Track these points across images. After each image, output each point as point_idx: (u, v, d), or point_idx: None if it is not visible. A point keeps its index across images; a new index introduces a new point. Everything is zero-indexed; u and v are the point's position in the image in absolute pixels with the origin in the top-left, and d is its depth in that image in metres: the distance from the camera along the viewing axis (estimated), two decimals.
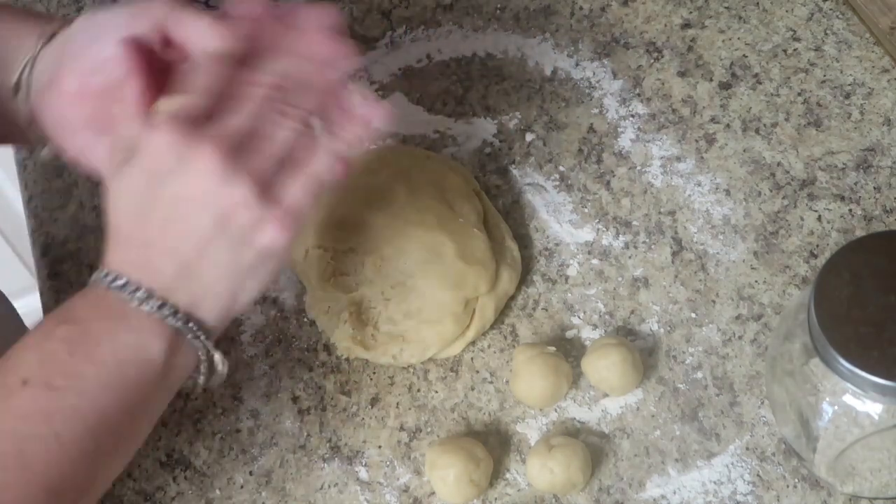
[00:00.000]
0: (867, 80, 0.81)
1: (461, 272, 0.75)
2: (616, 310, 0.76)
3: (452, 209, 0.77)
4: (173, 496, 0.75)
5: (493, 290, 0.76)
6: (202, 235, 0.57)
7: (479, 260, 0.75)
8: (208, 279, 0.58)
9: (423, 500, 0.72)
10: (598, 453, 0.72)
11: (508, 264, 0.77)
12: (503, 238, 0.78)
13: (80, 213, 0.88)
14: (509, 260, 0.77)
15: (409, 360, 0.75)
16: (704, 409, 0.72)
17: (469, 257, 0.75)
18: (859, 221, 0.76)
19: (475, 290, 0.75)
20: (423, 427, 0.75)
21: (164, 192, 0.57)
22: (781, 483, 0.69)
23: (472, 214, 0.77)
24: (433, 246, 0.75)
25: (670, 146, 0.81)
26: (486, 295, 0.76)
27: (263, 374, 0.78)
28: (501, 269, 0.76)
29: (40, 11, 0.84)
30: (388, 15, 0.92)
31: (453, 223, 0.76)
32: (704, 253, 0.77)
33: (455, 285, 0.74)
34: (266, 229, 0.57)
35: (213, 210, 0.56)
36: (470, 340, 0.76)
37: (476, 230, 0.76)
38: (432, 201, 0.76)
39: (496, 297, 0.76)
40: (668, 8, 0.87)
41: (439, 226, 0.75)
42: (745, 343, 0.74)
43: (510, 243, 0.78)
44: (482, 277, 0.75)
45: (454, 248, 0.75)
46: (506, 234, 0.79)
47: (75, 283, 0.85)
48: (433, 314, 0.75)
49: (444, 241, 0.75)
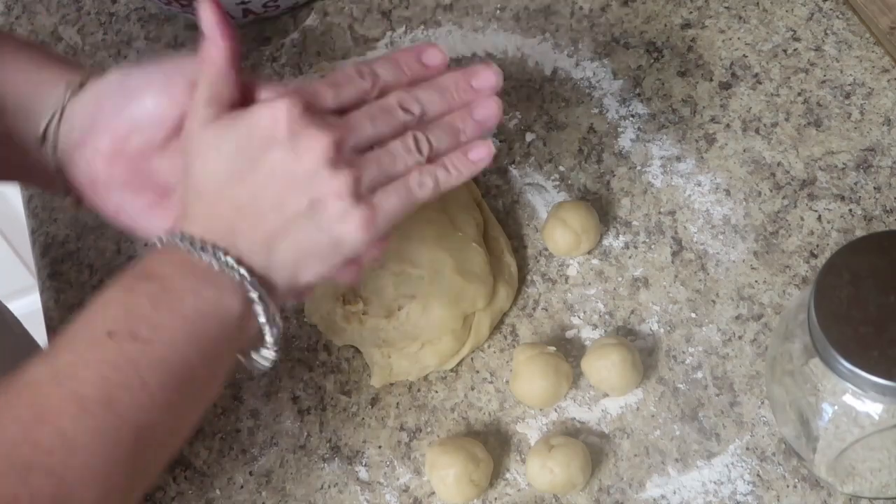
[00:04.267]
0: (867, 80, 0.81)
1: (460, 288, 0.74)
2: (616, 310, 0.76)
3: (452, 222, 0.76)
4: (173, 496, 0.75)
5: (490, 305, 0.76)
6: (292, 212, 0.59)
7: (477, 276, 0.75)
8: (282, 249, 0.59)
9: (423, 500, 0.72)
10: (598, 453, 0.72)
11: (506, 280, 0.77)
12: (502, 252, 0.78)
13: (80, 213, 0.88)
14: (507, 276, 0.77)
15: (406, 377, 0.76)
16: (704, 409, 0.72)
17: (468, 273, 0.75)
18: (859, 221, 0.76)
19: (473, 305, 0.75)
20: (423, 427, 0.75)
21: (265, 161, 0.58)
22: (781, 483, 0.69)
23: (472, 227, 0.77)
24: (432, 263, 0.74)
25: (670, 146, 0.81)
26: (483, 311, 0.75)
27: (263, 374, 0.78)
28: (498, 284, 0.76)
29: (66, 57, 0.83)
30: (388, 15, 0.92)
31: (453, 237, 0.75)
32: (704, 253, 0.77)
33: (453, 302, 0.74)
34: (349, 223, 0.59)
35: (308, 192, 0.58)
36: (464, 356, 0.76)
37: (475, 244, 0.76)
38: (433, 213, 0.76)
39: (492, 312, 0.76)
40: (668, 8, 0.87)
41: (439, 241, 0.75)
42: (745, 343, 0.74)
43: (508, 258, 0.78)
44: (480, 293, 0.75)
45: (453, 264, 0.74)
46: (505, 247, 0.78)
47: (75, 283, 0.85)
48: (433, 333, 0.74)
49: (444, 257, 0.74)
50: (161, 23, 0.96)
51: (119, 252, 0.86)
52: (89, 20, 0.98)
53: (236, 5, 0.89)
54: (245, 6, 0.89)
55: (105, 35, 0.96)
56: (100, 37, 0.96)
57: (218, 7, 0.61)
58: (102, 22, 0.97)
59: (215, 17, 0.61)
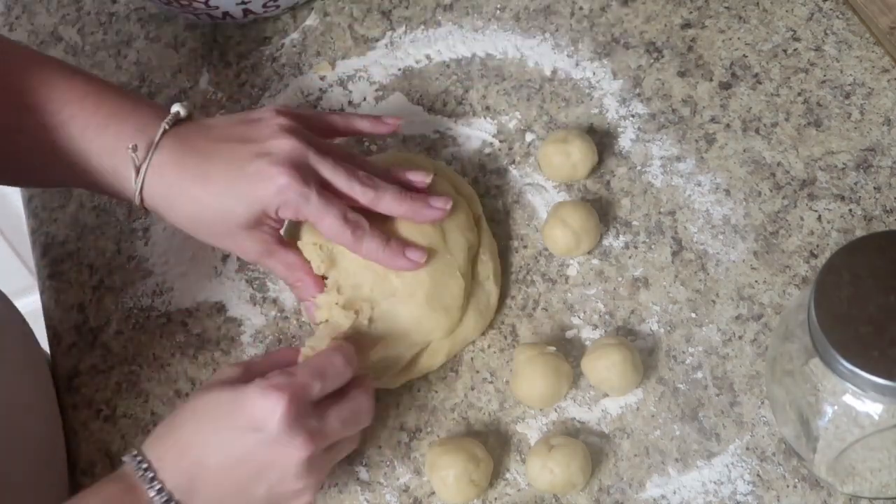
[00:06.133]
0: (867, 80, 0.81)
1: (423, 315, 0.73)
2: (616, 310, 0.76)
3: (445, 241, 0.74)
4: None
5: (452, 336, 0.75)
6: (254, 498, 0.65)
7: (445, 308, 0.74)
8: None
9: (423, 500, 0.72)
10: (598, 453, 0.72)
11: (479, 310, 0.76)
12: (486, 279, 0.76)
13: (80, 213, 0.88)
14: (482, 305, 0.76)
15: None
16: (704, 409, 0.72)
17: (437, 302, 0.73)
18: (859, 221, 0.76)
19: (428, 336, 0.74)
20: (423, 427, 0.75)
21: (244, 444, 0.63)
22: (781, 483, 0.69)
23: (462, 251, 0.75)
24: (411, 281, 0.73)
25: (670, 146, 0.81)
26: (441, 340, 0.75)
27: None
28: (469, 314, 0.75)
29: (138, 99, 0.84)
30: (388, 15, 0.92)
31: (440, 259, 0.74)
32: (704, 253, 0.77)
33: (413, 326, 0.73)
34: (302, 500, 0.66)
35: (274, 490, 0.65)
36: (409, 378, 0.75)
37: (458, 273, 0.74)
38: (430, 228, 0.74)
39: (451, 342, 0.75)
40: (668, 8, 0.87)
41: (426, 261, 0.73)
42: (745, 343, 0.74)
43: (491, 286, 0.76)
44: (439, 326, 0.74)
45: (428, 289, 0.73)
46: (491, 273, 0.76)
47: (75, 283, 0.85)
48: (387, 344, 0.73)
49: (423, 280, 0.73)
50: (161, 23, 0.96)
51: (119, 252, 0.86)
52: (89, 20, 0.98)
53: (236, 5, 0.88)
54: (245, 6, 0.89)
55: (105, 35, 0.96)
56: (100, 37, 0.96)
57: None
58: (102, 22, 0.97)
59: None
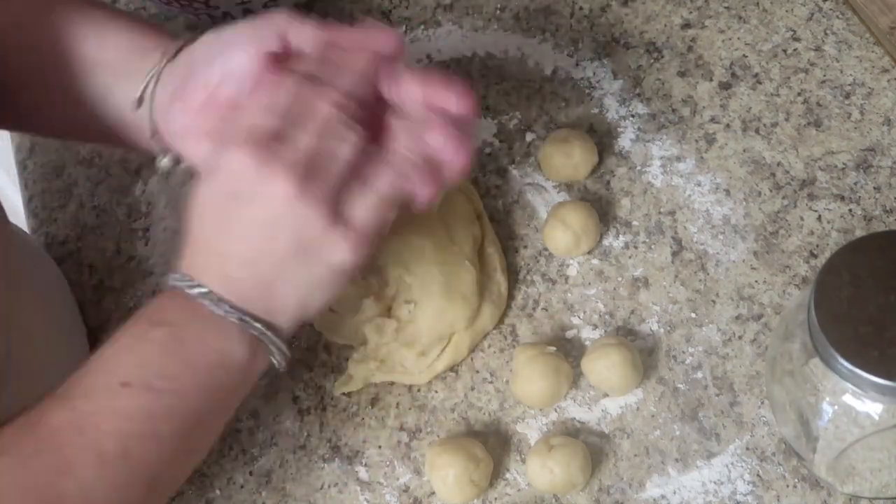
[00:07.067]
0: (867, 80, 0.81)
1: (443, 309, 0.74)
2: (616, 310, 0.76)
3: (450, 235, 0.75)
4: (173, 496, 0.75)
5: (472, 326, 0.75)
6: (279, 256, 0.59)
7: (462, 297, 0.74)
8: (282, 292, 0.60)
9: (423, 500, 0.72)
10: (598, 453, 0.72)
11: (493, 300, 0.76)
12: (494, 270, 0.77)
13: (80, 213, 0.88)
14: (494, 296, 0.76)
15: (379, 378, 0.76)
16: (704, 409, 0.72)
17: (454, 293, 0.74)
18: (859, 221, 0.76)
19: (452, 327, 0.74)
20: (423, 427, 0.75)
21: (241, 212, 0.59)
22: (781, 483, 0.69)
23: (469, 243, 0.76)
24: (424, 277, 0.74)
25: (670, 146, 0.81)
26: (464, 331, 0.75)
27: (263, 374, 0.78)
28: (484, 305, 0.76)
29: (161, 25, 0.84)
30: (388, 15, 0.92)
31: (448, 251, 0.75)
32: (704, 253, 0.77)
33: (435, 321, 0.74)
34: (336, 250, 0.59)
35: (288, 233, 0.59)
36: (437, 373, 0.75)
37: (468, 262, 0.75)
38: (434, 222, 0.75)
39: (473, 333, 0.75)
40: (668, 8, 0.87)
41: (434, 253, 0.74)
42: (745, 343, 0.74)
43: (499, 277, 0.77)
44: (462, 316, 0.74)
45: (442, 282, 0.74)
46: (498, 265, 0.77)
47: (75, 283, 0.85)
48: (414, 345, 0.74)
49: (435, 273, 0.74)
50: (161, 22, 0.96)
51: (119, 252, 0.86)
52: None
53: (236, 5, 0.88)
54: (245, 6, 0.89)
55: None
56: None
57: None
58: None
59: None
